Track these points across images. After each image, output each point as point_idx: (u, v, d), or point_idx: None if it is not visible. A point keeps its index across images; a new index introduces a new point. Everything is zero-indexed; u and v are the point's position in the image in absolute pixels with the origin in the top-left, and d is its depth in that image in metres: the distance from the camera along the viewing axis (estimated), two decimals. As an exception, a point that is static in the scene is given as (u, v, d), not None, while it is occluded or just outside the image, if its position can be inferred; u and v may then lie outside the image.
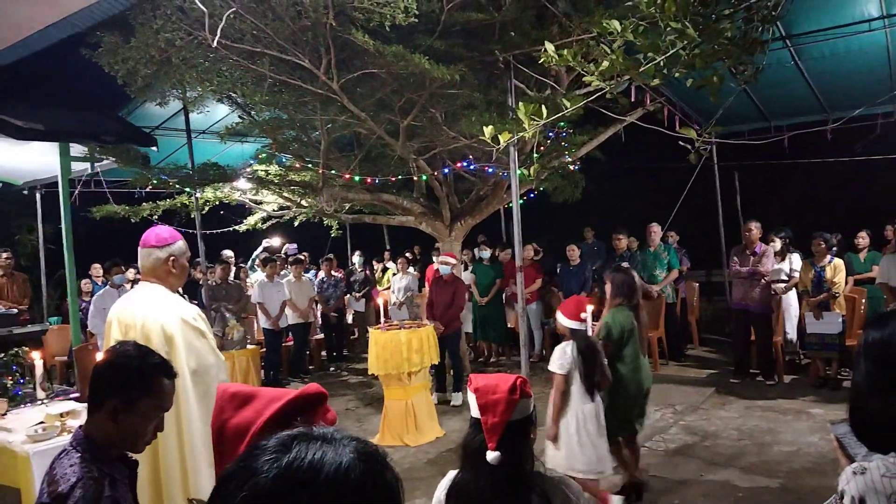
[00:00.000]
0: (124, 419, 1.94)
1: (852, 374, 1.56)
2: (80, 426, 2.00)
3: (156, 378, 2.00)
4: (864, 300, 7.75)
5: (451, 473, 2.14)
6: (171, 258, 3.07)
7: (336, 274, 10.85)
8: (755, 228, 7.72)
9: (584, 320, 4.30)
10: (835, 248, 7.83)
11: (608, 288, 5.00)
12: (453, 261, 8.06)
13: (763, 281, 7.58)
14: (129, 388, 1.95)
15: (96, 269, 10.21)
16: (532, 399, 2.07)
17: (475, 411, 2.04)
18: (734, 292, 8.01)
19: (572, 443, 4.29)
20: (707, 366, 8.78)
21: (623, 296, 4.87)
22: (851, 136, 8.78)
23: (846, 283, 7.53)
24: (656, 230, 9.02)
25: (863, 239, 8.56)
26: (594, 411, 4.31)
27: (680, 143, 3.48)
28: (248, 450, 0.90)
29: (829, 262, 7.33)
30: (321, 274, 11.02)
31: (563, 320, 4.38)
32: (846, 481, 1.47)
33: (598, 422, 4.31)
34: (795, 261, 7.95)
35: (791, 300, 7.97)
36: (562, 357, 4.32)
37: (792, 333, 7.99)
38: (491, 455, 1.93)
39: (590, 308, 4.37)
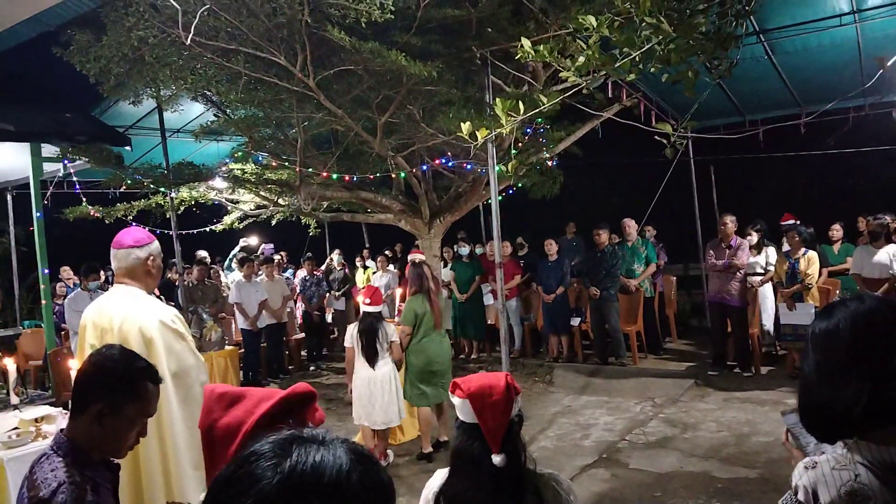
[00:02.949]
0: (109, 424, 1.92)
1: (801, 366, 1.57)
2: (62, 430, 1.97)
3: (142, 383, 1.98)
4: (837, 291, 7.87)
5: (441, 473, 2.09)
6: (151, 258, 3.04)
7: (317, 273, 10.80)
8: (730, 222, 7.80)
9: (367, 304, 5.58)
10: (806, 239, 7.93)
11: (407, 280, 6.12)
12: (423, 257, 8.05)
13: (739, 274, 7.67)
14: (115, 393, 1.93)
15: (66, 272, 10.04)
16: (520, 395, 2.05)
17: (468, 416, 1.98)
18: (710, 286, 8.10)
19: (362, 401, 5.59)
20: (685, 359, 8.87)
21: (416, 285, 5.92)
22: (824, 130, 8.90)
23: (821, 274, 7.63)
24: (631, 224, 9.10)
25: (836, 231, 8.68)
26: (377, 378, 5.54)
27: (656, 137, 3.50)
28: (244, 455, 0.89)
29: (803, 254, 7.43)
30: (300, 273, 10.95)
31: (360, 305, 5.69)
32: (799, 476, 1.50)
33: (382, 386, 5.53)
34: (771, 254, 8.04)
35: (767, 293, 8.07)
36: (348, 334, 5.72)
37: (768, 325, 8.09)
38: (497, 458, 1.90)
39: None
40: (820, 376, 1.48)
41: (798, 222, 8.72)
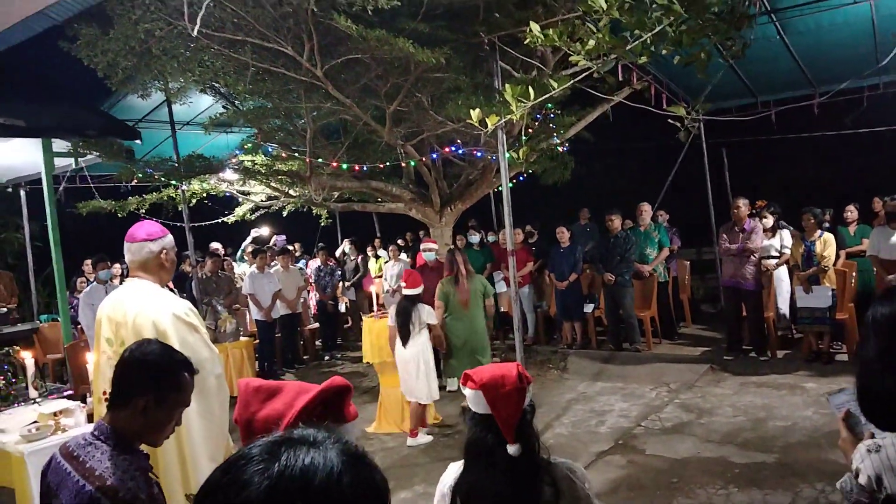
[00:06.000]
0: (153, 415, 2.00)
1: (860, 352, 1.50)
2: (102, 420, 2.03)
3: (182, 374, 2.07)
4: (854, 273, 7.78)
5: (454, 467, 2.07)
6: (164, 251, 3.05)
7: (330, 262, 10.82)
8: (743, 205, 7.72)
9: (405, 287, 5.93)
10: (825, 224, 7.84)
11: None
12: (436, 246, 8.05)
13: (753, 257, 7.60)
14: (161, 386, 2.01)
15: (88, 266, 10.09)
16: (532, 384, 2.04)
17: (481, 407, 1.96)
18: (724, 269, 8.02)
19: (402, 376, 5.99)
20: (700, 343, 8.82)
21: (449, 269, 6.62)
22: (838, 111, 8.79)
23: (838, 256, 7.54)
24: (646, 209, 9.02)
25: (850, 213, 8.58)
26: (406, 356, 5.90)
27: (669, 120, 3.45)
28: (232, 458, 0.87)
29: (819, 236, 7.35)
30: (313, 263, 10.96)
31: (403, 288, 6.04)
32: (860, 459, 1.43)
33: (410, 365, 5.88)
34: (786, 237, 7.95)
35: (782, 276, 7.99)
36: (390, 313, 6.12)
37: (784, 309, 8.01)
38: (512, 448, 1.90)
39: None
40: (885, 364, 1.41)
41: (765, 205, 8.60)
